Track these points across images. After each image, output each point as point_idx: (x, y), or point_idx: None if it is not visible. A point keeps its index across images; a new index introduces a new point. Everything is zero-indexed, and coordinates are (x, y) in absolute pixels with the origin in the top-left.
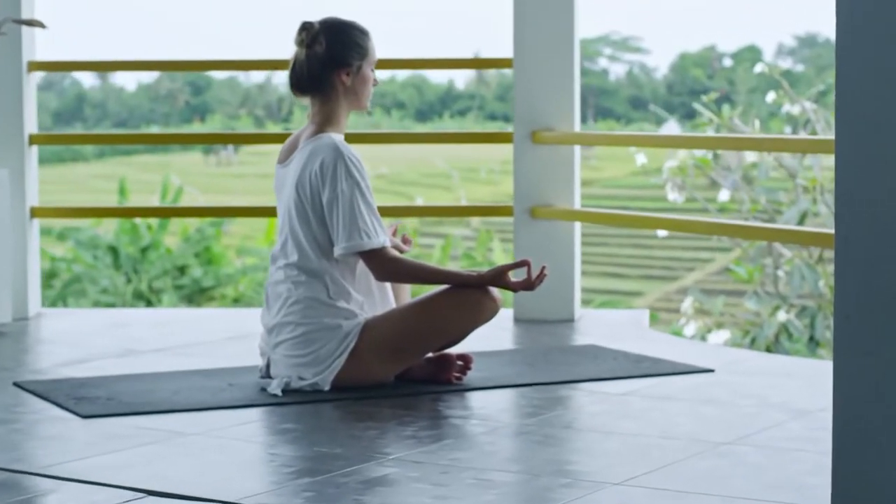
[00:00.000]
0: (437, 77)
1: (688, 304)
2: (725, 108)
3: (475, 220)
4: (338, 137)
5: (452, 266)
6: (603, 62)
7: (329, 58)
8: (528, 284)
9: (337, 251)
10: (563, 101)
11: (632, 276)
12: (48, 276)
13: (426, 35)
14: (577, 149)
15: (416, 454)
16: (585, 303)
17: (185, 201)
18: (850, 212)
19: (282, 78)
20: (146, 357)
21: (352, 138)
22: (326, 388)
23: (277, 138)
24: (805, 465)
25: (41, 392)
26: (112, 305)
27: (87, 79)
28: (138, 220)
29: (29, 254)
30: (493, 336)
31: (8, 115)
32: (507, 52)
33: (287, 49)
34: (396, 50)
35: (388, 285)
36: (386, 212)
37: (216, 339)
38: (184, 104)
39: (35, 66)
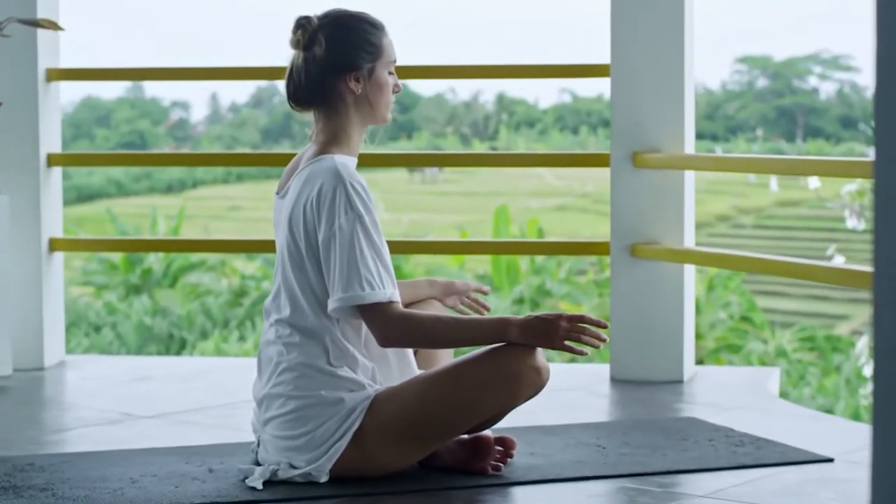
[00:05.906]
0: None
1: (863, 343)
2: None
3: None
4: (342, 160)
5: None
6: (813, 81)
7: (331, 61)
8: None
9: (331, 305)
10: (671, 116)
11: (838, 299)
12: (237, 295)
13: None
14: (690, 175)
15: None
16: (785, 326)
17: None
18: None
19: (488, 96)
20: (140, 425)
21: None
22: (322, 479)
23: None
24: None
25: None
26: None
27: None
28: None
29: (45, 293)
30: (577, 402)
31: (20, 130)
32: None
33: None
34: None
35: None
36: (454, 248)
37: (239, 400)
38: (391, 122)
39: (55, 74)
